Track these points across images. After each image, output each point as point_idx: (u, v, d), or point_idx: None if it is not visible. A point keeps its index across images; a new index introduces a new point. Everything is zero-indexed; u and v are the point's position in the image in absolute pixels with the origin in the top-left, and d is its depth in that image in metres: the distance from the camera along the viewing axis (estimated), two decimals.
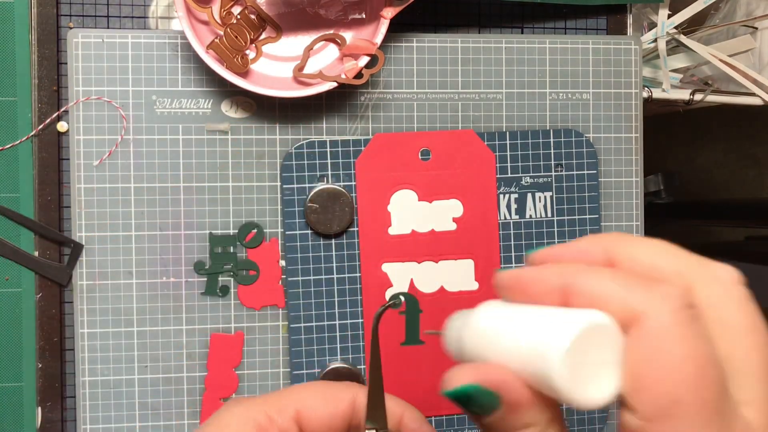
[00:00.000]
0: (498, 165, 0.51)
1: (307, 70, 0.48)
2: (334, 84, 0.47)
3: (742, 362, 0.21)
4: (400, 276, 0.50)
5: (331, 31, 0.49)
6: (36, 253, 0.48)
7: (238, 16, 0.47)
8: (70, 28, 0.48)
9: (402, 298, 0.50)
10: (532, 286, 0.23)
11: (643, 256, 0.23)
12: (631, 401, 0.21)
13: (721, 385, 0.20)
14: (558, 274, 0.23)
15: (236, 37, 0.47)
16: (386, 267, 0.50)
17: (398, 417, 0.35)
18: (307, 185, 0.50)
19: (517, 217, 0.52)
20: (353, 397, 0.34)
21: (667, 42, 0.62)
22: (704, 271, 0.23)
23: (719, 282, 0.22)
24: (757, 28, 0.66)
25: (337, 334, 0.50)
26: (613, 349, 0.21)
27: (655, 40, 0.62)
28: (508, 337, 0.23)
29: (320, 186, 0.49)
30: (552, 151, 0.52)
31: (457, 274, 0.51)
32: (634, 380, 0.21)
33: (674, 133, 1.45)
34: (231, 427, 0.32)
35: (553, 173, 0.52)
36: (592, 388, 0.21)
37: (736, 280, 0.23)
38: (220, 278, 0.49)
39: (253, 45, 0.48)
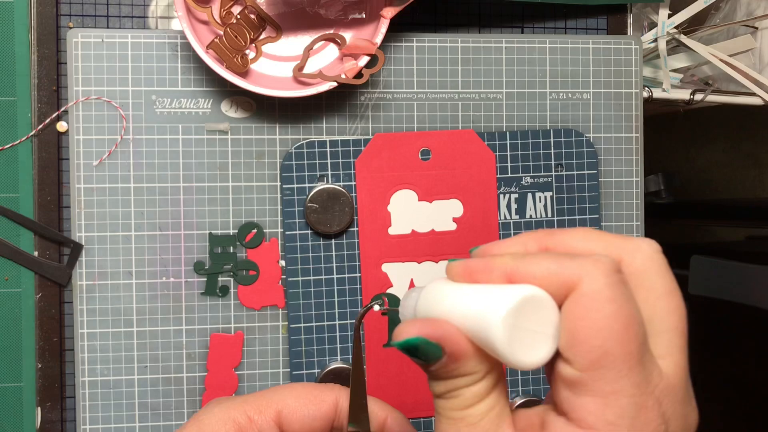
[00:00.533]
0: (498, 165, 0.51)
1: (307, 70, 0.48)
2: (334, 84, 0.47)
3: (661, 321, 0.25)
4: (400, 276, 0.50)
5: (331, 31, 0.49)
6: (36, 253, 0.48)
7: (238, 16, 0.47)
8: (70, 27, 0.48)
9: (385, 299, 0.50)
10: (480, 274, 0.26)
11: (573, 241, 0.26)
12: (568, 354, 0.24)
13: (643, 339, 0.24)
14: (503, 262, 0.26)
15: (236, 36, 0.47)
16: (386, 267, 0.50)
17: (382, 420, 0.35)
18: (307, 185, 0.49)
19: (517, 217, 0.52)
20: (336, 398, 0.34)
21: (668, 42, 0.62)
22: (629, 244, 0.26)
23: (642, 252, 0.25)
24: (757, 28, 0.66)
25: (337, 334, 0.50)
26: (547, 319, 0.24)
27: (656, 40, 0.62)
28: (455, 303, 0.26)
29: (320, 186, 0.49)
30: (552, 151, 0.52)
31: None
32: (571, 336, 0.24)
33: (674, 133, 1.45)
34: (210, 427, 0.32)
35: (553, 173, 0.52)
36: (528, 351, 0.24)
37: (657, 249, 0.26)
38: (219, 278, 0.49)
39: (253, 45, 0.48)
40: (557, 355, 0.25)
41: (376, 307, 0.35)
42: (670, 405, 0.24)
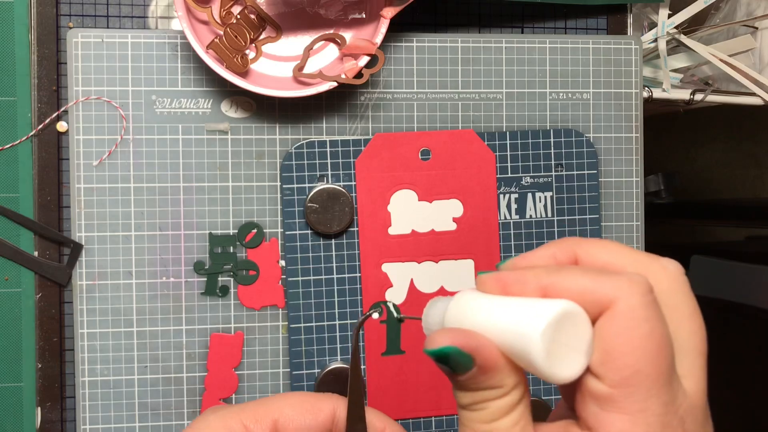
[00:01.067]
0: (498, 165, 0.51)
1: (307, 70, 0.48)
2: (334, 84, 0.47)
3: (684, 341, 0.25)
4: (400, 276, 0.50)
5: (331, 31, 0.49)
6: (36, 253, 0.48)
7: (238, 16, 0.47)
8: (70, 27, 0.48)
9: (383, 306, 0.50)
10: (514, 287, 0.26)
11: (602, 254, 0.27)
12: (599, 370, 0.24)
13: (672, 360, 0.24)
14: (537, 275, 0.26)
15: (236, 36, 0.47)
16: (386, 267, 0.50)
17: (380, 431, 0.35)
18: (307, 185, 0.49)
19: (517, 217, 0.52)
20: (333, 408, 0.34)
21: (668, 42, 0.62)
22: (655, 263, 0.26)
23: (668, 273, 0.26)
24: (757, 28, 0.66)
25: (337, 334, 0.50)
26: (581, 334, 0.24)
27: (656, 40, 0.62)
28: (489, 314, 0.26)
29: (320, 186, 0.49)
30: (552, 151, 0.52)
31: (457, 274, 0.51)
32: (605, 353, 0.24)
33: (674, 133, 1.45)
34: None
35: (553, 173, 0.52)
36: (563, 366, 0.24)
37: (682, 271, 0.26)
38: (219, 278, 0.49)
39: (253, 45, 0.48)
40: (586, 371, 0.25)
41: (375, 315, 0.34)
42: (691, 424, 0.25)
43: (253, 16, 0.48)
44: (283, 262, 0.50)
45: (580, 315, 0.24)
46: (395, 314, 0.47)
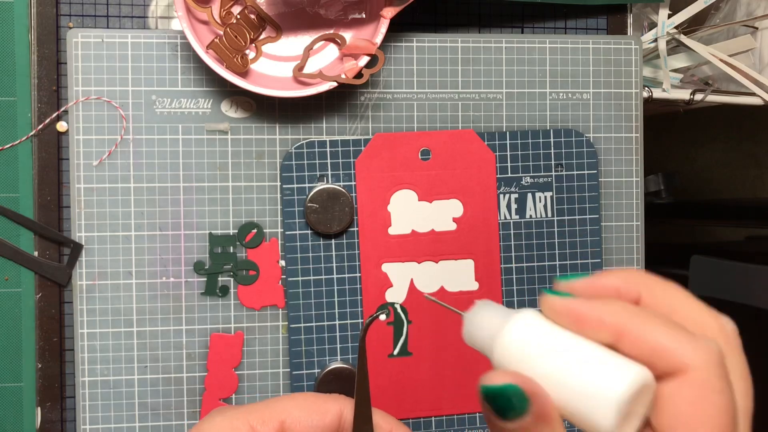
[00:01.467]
0: (498, 165, 0.51)
1: (307, 70, 0.48)
2: (334, 84, 0.47)
3: (737, 402, 0.25)
4: (400, 276, 0.50)
5: (331, 31, 0.49)
6: (36, 253, 0.48)
7: (238, 16, 0.47)
8: (70, 27, 0.48)
9: (390, 308, 0.50)
10: (588, 325, 0.26)
11: (666, 299, 0.27)
12: None
13: (736, 428, 0.25)
14: (613, 314, 0.25)
15: (236, 36, 0.47)
16: (386, 267, 0.50)
17: None
18: (307, 185, 0.49)
19: (517, 217, 0.52)
20: (340, 410, 0.34)
21: (668, 42, 0.62)
22: (714, 322, 0.26)
23: (725, 333, 0.26)
24: (757, 28, 0.66)
25: (337, 334, 0.50)
26: (644, 399, 0.24)
27: (656, 40, 0.62)
28: (552, 363, 0.25)
29: (320, 186, 0.49)
30: (552, 151, 0.52)
31: (457, 274, 0.51)
32: (675, 419, 0.24)
33: (674, 133, 1.45)
34: None
35: (553, 173, 0.52)
36: (622, 429, 0.24)
37: (737, 332, 0.27)
38: (219, 278, 0.49)
39: (253, 45, 0.48)
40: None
41: (383, 317, 0.34)
42: None
43: (253, 16, 0.48)
44: (283, 262, 0.50)
45: (652, 385, 0.24)
46: (403, 316, 0.47)
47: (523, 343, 0.26)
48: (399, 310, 0.50)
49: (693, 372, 0.24)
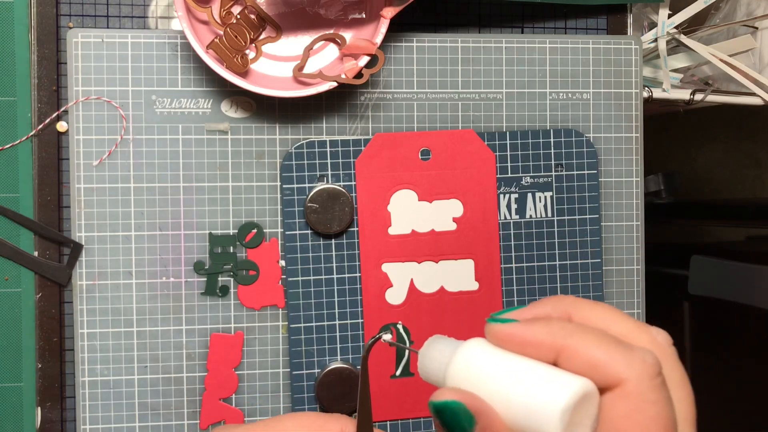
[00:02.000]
0: (498, 165, 0.51)
1: (307, 70, 0.48)
2: (334, 84, 0.47)
3: (676, 410, 0.26)
4: (400, 276, 0.50)
5: (331, 31, 0.49)
6: (36, 253, 0.48)
7: (238, 16, 0.47)
8: (70, 27, 0.48)
9: (393, 329, 0.50)
10: (528, 343, 0.26)
11: (595, 320, 0.28)
12: None
13: None
14: (550, 333, 0.26)
15: (236, 36, 0.47)
16: (386, 267, 0.50)
17: None
18: (306, 185, 0.49)
19: (517, 217, 0.52)
20: (341, 429, 0.34)
21: (668, 42, 0.62)
22: (645, 335, 0.27)
23: (657, 344, 0.27)
24: (757, 28, 0.66)
25: (337, 334, 0.50)
26: (589, 411, 0.25)
27: (656, 40, 0.62)
28: (499, 383, 0.26)
29: (320, 186, 0.49)
30: (552, 151, 0.52)
31: (457, 274, 0.51)
32: (613, 430, 0.25)
33: (674, 133, 1.45)
34: None
35: (553, 173, 0.52)
36: None
37: (671, 342, 0.28)
38: (219, 278, 0.49)
39: (253, 45, 0.48)
40: None
41: (387, 336, 0.34)
42: None
43: (253, 16, 0.48)
44: (283, 262, 0.50)
45: (595, 395, 0.25)
46: (405, 337, 0.47)
47: (472, 367, 0.27)
48: (401, 330, 0.50)
49: (627, 384, 0.24)
